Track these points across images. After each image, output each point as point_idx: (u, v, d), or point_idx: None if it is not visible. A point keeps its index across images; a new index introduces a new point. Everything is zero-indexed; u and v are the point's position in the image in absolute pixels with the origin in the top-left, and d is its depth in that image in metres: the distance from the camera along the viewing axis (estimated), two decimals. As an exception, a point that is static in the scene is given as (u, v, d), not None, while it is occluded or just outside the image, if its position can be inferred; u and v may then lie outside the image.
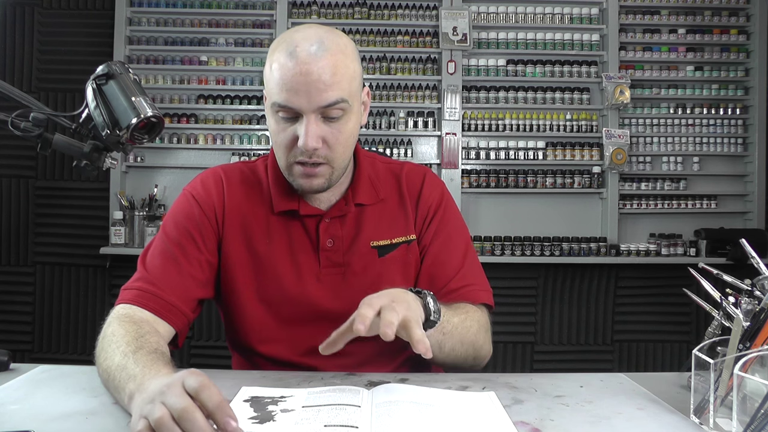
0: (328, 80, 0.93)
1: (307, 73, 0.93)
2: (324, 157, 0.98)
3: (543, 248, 3.13)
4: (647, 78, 3.30)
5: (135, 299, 0.96)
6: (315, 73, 0.93)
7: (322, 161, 0.98)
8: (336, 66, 0.94)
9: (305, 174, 0.99)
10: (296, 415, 0.75)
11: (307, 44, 0.94)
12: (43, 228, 3.19)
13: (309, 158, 0.97)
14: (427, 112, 3.24)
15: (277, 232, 1.06)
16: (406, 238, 1.11)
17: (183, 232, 1.03)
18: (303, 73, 0.93)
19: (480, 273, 1.17)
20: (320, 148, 0.96)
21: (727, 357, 0.75)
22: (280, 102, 0.95)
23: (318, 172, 0.99)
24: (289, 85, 0.93)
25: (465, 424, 0.75)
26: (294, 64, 0.93)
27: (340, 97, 0.95)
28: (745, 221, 3.30)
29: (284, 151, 0.99)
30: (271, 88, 0.97)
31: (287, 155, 0.99)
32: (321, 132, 0.96)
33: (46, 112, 0.90)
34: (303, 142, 0.95)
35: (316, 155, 0.97)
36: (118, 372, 0.78)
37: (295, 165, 0.99)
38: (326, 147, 0.97)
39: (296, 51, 0.94)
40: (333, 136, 0.97)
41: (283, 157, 1.00)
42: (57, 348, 3.18)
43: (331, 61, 0.94)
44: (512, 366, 3.20)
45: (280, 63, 0.95)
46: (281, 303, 1.05)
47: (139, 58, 3.21)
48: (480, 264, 1.19)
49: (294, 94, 0.93)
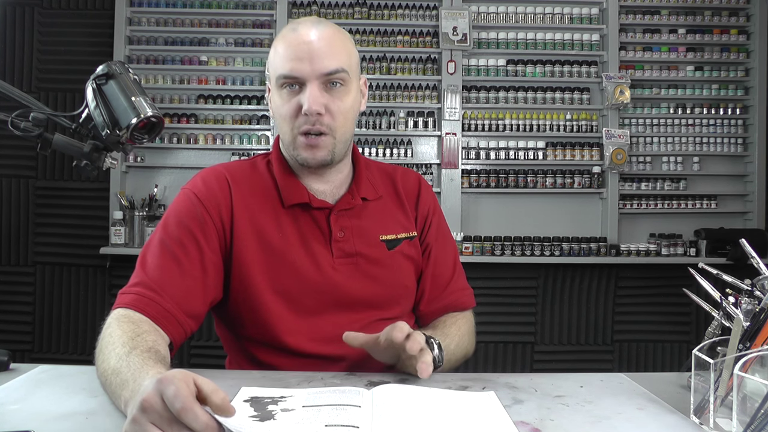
0: (329, 50, 1.01)
1: (308, 41, 1.01)
2: (327, 126, 1.03)
3: (543, 248, 3.13)
4: (647, 78, 3.30)
5: (133, 304, 0.94)
6: (316, 41, 1.01)
7: (325, 130, 1.03)
8: (335, 38, 1.04)
9: (309, 145, 1.04)
10: (297, 415, 0.75)
11: (309, 22, 1.04)
12: (43, 228, 3.19)
13: (312, 125, 1.02)
14: (427, 112, 3.24)
15: (288, 226, 1.07)
16: (408, 234, 1.16)
17: (185, 232, 1.02)
18: (305, 41, 1.01)
19: (463, 272, 1.25)
20: (323, 116, 1.02)
21: (727, 357, 0.75)
22: (285, 73, 1.01)
23: (321, 143, 1.04)
24: (293, 54, 1.01)
25: (465, 424, 0.75)
26: (296, 35, 1.02)
27: (340, 66, 1.02)
28: (745, 221, 3.30)
29: (289, 123, 1.04)
30: (275, 67, 1.04)
31: (291, 127, 1.04)
32: (323, 99, 1.02)
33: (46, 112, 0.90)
34: (307, 107, 1.00)
35: (320, 123, 1.02)
36: (113, 377, 0.78)
37: (299, 137, 1.04)
38: (329, 115, 1.03)
39: (298, 27, 1.04)
40: (335, 105, 1.03)
41: (288, 130, 1.05)
42: (57, 348, 3.18)
43: (331, 33, 1.04)
44: (512, 366, 3.20)
45: (284, 39, 1.03)
46: (300, 294, 1.05)
47: (139, 58, 3.21)
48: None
49: (298, 62, 1.00)
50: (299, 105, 1.01)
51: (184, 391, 0.61)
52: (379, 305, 1.10)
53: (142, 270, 0.99)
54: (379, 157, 3.17)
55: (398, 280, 1.12)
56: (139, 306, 0.94)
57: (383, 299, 1.10)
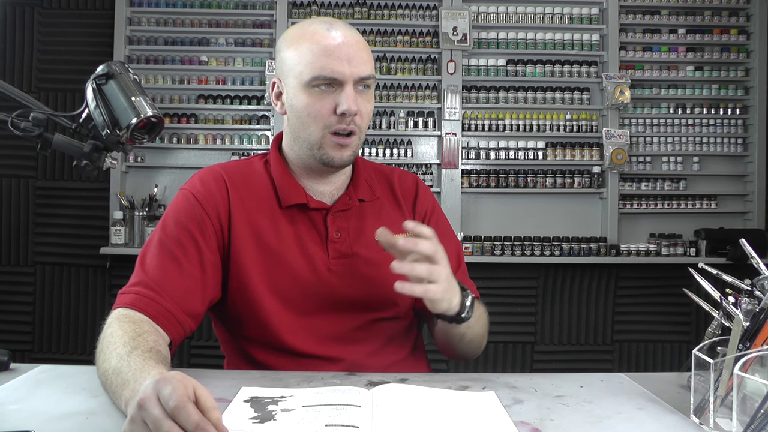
0: (364, 54, 1.04)
1: (348, 44, 1.02)
2: (357, 125, 1.05)
3: (543, 248, 3.13)
4: (647, 78, 3.30)
5: (133, 303, 0.94)
6: (354, 45, 1.03)
7: (356, 130, 1.05)
8: (364, 43, 1.06)
9: (338, 144, 1.04)
10: (297, 415, 0.75)
11: (340, 24, 1.05)
12: (43, 228, 3.19)
13: (347, 125, 1.03)
14: (427, 112, 3.24)
15: (284, 227, 1.08)
16: (405, 235, 1.13)
17: (184, 232, 1.02)
18: (346, 43, 1.02)
19: (467, 271, 1.24)
20: (356, 116, 1.03)
21: (727, 357, 0.75)
22: (324, 74, 1.01)
23: (350, 143, 1.05)
24: (335, 55, 1.01)
25: (465, 424, 0.75)
26: (335, 36, 1.02)
27: (371, 72, 1.05)
28: (745, 221, 3.30)
29: (319, 122, 1.03)
30: (304, 66, 1.02)
31: (322, 126, 1.03)
32: (357, 101, 1.03)
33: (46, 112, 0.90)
34: (347, 107, 1.01)
35: (353, 122, 1.03)
36: (114, 376, 0.78)
37: (329, 136, 1.04)
38: (360, 116, 1.04)
39: (332, 27, 1.03)
40: (364, 107, 1.05)
41: (318, 129, 1.04)
42: (57, 348, 3.18)
43: (360, 38, 1.06)
44: (512, 366, 3.20)
45: (319, 39, 1.02)
46: (296, 294, 1.06)
47: (139, 58, 3.21)
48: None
49: (338, 63, 1.01)
50: (334, 105, 1.02)
51: (179, 391, 0.62)
52: (376, 305, 1.10)
53: (142, 270, 0.99)
54: (379, 158, 3.17)
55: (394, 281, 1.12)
56: (140, 305, 0.94)
57: (379, 300, 1.10)
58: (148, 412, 0.61)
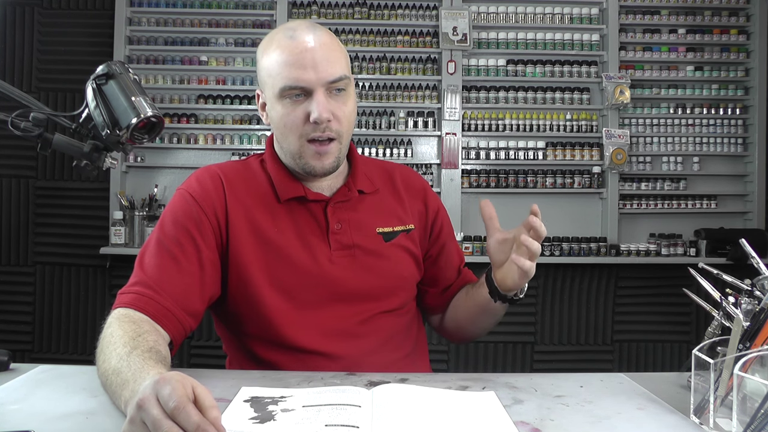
0: (331, 56, 1.02)
1: (312, 50, 1.00)
2: (335, 131, 1.04)
3: (543, 248, 3.12)
4: (647, 78, 3.30)
5: (132, 303, 0.94)
6: (319, 49, 1.01)
7: (333, 136, 1.04)
8: (333, 44, 1.04)
9: (317, 152, 1.04)
10: (297, 415, 0.75)
11: (304, 28, 1.03)
12: (43, 228, 3.19)
13: (322, 132, 1.02)
14: (427, 112, 3.24)
15: (283, 221, 1.08)
16: (405, 227, 1.17)
17: (182, 231, 1.02)
18: (308, 50, 1.00)
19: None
20: (331, 121, 1.02)
21: (727, 357, 0.75)
22: (290, 84, 1.01)
23: (329, 150, 1.04)
24: (298, 63, 1.00)
25: (465, 424, 0.75)
26: (297, 44, 1.01)
27: (342, 73, 1.03)
28: (745, 221, 3.30)
29: (295, 132, 1.03)
30: (274, 77, 1.02)
31: (299, 135, 1.03)
32: (330, 106, 1.02)
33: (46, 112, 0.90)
34: (317, 115, 1.00)
35: (328, 129, 1.03)
36: (114, 377, 0.78)
37: (306, 145, 1.04)
38: (336, 121, 1.03)
39: (295, 34, 1.02)
40: (340, 110, 1.04)
41: (295, 140, 1.04)
42: (57, 348, 3.18)
43: (329, 39, 1.04)
44: (512, 366, 3.20)
45: (282, 48, 1.02)
46: (298, 287, 1.06)
47: (139, 58, 3.21)
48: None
49: (303, 71, 1.00)
50: (306, 113, 1.01)
51: (179, 392, 0.62)
52: (378, 297, 1.10)
53: (141, 270, 0.99)
54: (379, 157, 3.17)
55: (396, 272, 1.13)
56: (139, 305, 0.94)
57: (381, 291, 1.11)
58: (147, 413, 0.61)
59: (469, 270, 1.26)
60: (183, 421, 0.60)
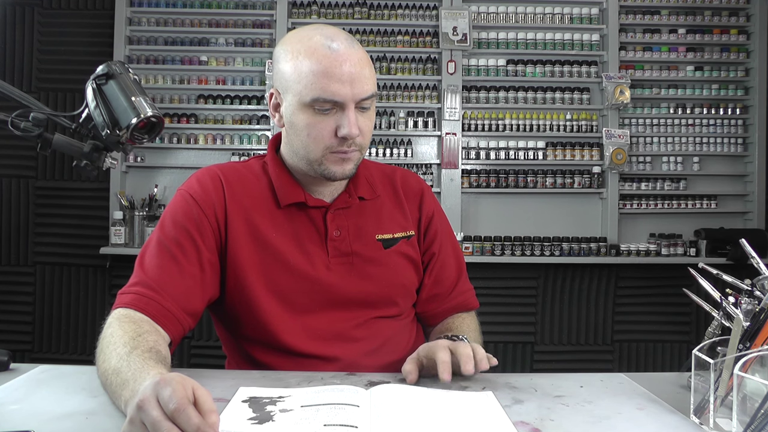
0: (366, 73, 1.00)
1: (352, 63, 0.99)
2: (359, 145, 1.04)
3: (543, 248, 3.13)
4: (647, 78, 3.30)
5: (133, 303, 0.94)
6: (357, 65, 0.99)
7: (357, 149, 1.04)
8: (367, 61, 1.02)
9: (340, 159, 1.03)
10: (295, 415, 0.75)
11: (343, 40, 1.01)
12: (43, 228, 3.19)
13: (348, 147, 1.02)
14: (427, 112, 3.24)
15: (282, 226, 1.07)
16: (406, 234, 1.16)
17: (182, 232, 1.02)
18: (349, 62, 0.99)
19: (466, 273, 1.25)
20: (358, 137, 1.02)
21: (727, 357, 0.75)
22: (324, 96, 0.98)
23: (351, 157, 1.04)
24: (336, 77, 0.98)
25: (463, 423, 0.75)
26: (337, 56, 0.98)
27: (373, 90, 1.03)
28: (745, 221, 3.30)
29: (320, 143, 1.02)
30: (304, 85, 0.99)
31: (324, 147, 1.02)
32: (358, 122, 1.02)
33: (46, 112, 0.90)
34: (349, 132, 0.99)
35: (354, 144, 1.02)
36: (114, 376, 0.78)
37: (329, 155, 1.03)
38: (361, 135, 1.03)
39: (335, 45, 0.99)
40: (365, 126, 1.04)
41: (318, 150, 1.03)
42: (57, 348, 3.18)
43: (364, 56, 1.02)
44: (512, 366, 3.20)
45: (320, 57, 0.98)
46: (294, 293, 1.05)
47: (139, 58, 3.21)
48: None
49: (340, 86, 0.98)
50: (335, 126, 1.00)
51: (179, 393, 0.62)
52: (375, 304, 1.10)
53: (141, 270, 0.99)
54: (379, 157, 3.17)
55: (395, 279, 1.12)
56: (140, 305, 0.94)
57: (379, 298, 1.10)
58: (147, 414, 0.61)
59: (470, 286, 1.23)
60: (183, 422, 0.60)
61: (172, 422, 0.61)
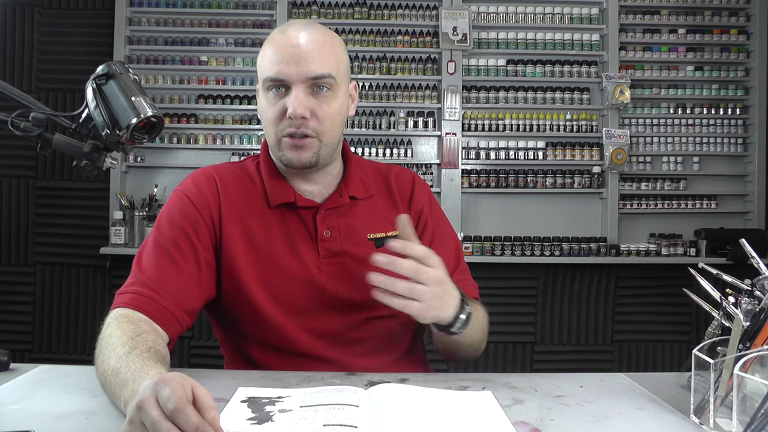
0: (316, 54, 1.01)
1: (296, 45, 1.01)
2: (313, 129, 1.03)
3: (543, 248, 3.13)
4: (647, 78, 3.30)
5: (131, 303, 0.94)
6: (304, 45, 1.01)
7: (311, 134, 1.03)
8: (324, 43, 1.03)
9: (294, 146, 1.03)
10: (294, 415, 0.75)
11: (299, 25, 1.04)
12: (43, 228, 3.19)
13: (297, 128, 1.02)
14: (427, 112, 3.24)
15: (274, 226, 1.08)
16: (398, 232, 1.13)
17: (178, 231, 1.03)
18: (293, 44, 1.01)
19: (468, 268, 1.22)
20: (309, 120, 1.02)
21: (727, 357, 0.75)
22: (271, 75, 1.01)
23: (306, 144, 1.03)
24: (280, 57, 1.00)
25: (463, 423, 0.75)
26: (285, 38, 1.02)
27: (327, 71, 1.01)
28: (745, 221, 3.30)
29: (273, 125, 1.04)
30: (262, 70, 1.04)
31: (276, 129, 1.04)
32: (309, 104, 1.01)
33: (46, 112, 0.90)
34: (292, 110, 1.00)
35: (305, 126, 1.02)
36: (113, 377, 0.78)
37: (284, 138, 1.04)
38: (315, 119, 1.02)
39: (287, 29, 1.03)
40: (321, 110, 1.03)
41: (273, 132, 1.05)
42: (57, 348, 3.18)
43: (321, 37, 1.03)
44: (512, 366, 3.19)
45: (272, 42, 1.03)
46: (289, 293, 1.05)
47: (139, 58, 3.21)
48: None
49: (284, 65, 1.00)
50: (284, 108, 1.01)
51: (178, 393, 0.62)
52: (369, 305, 1.08)
53: (139, 270, 1.00)
54: (379, 157, 3.17)
55: None
56: (138, 305, 0.94)
57: (372, 299, 1.09)
58: (146, 414, 0.61)
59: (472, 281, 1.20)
60: (182, 422, 0.60)
61: (171, 422, 0.61)
